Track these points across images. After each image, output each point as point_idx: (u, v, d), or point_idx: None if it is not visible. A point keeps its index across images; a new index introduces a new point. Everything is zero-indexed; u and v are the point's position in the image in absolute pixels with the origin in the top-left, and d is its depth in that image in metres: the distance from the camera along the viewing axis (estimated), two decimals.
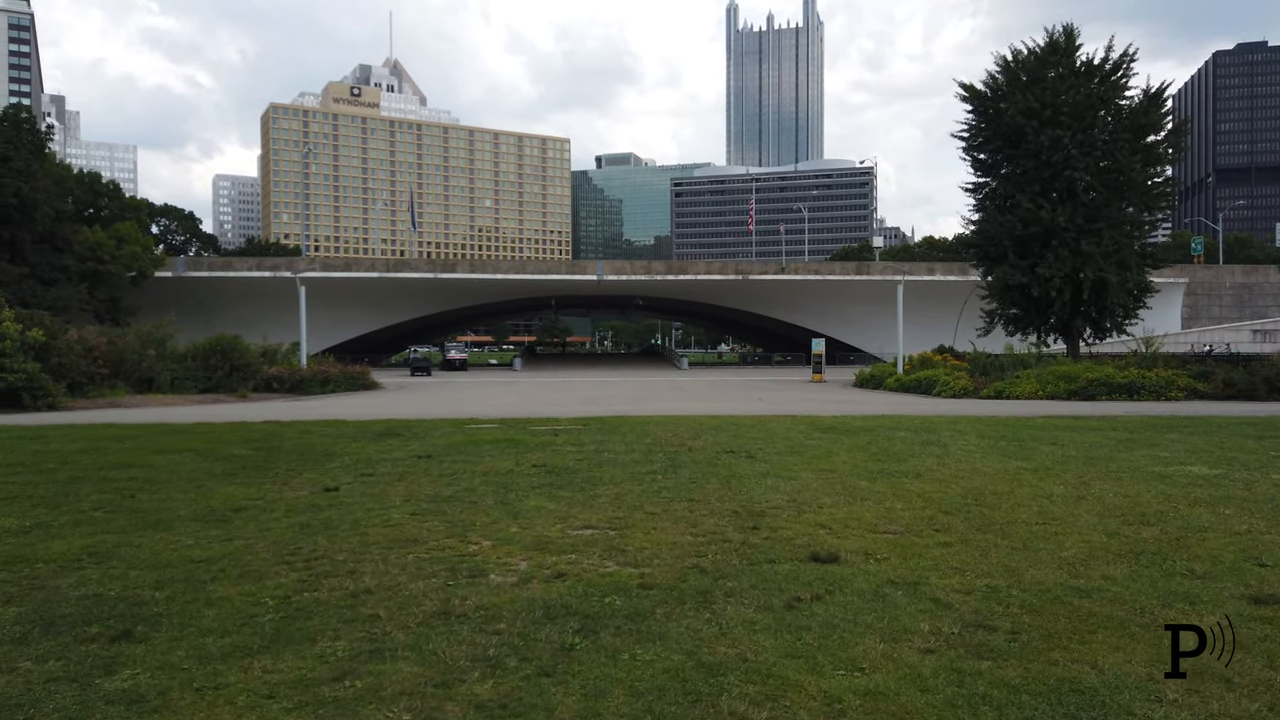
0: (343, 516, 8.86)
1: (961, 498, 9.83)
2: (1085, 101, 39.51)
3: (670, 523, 8.52)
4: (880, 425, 18.32)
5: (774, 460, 12.91)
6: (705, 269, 74.09)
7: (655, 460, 12.92)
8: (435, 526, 8.41)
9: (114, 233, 60.80)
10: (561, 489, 10.49)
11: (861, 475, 11.46)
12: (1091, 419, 20.08)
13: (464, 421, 20.20)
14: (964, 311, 67.85)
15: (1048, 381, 31.62)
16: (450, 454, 13.73)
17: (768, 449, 14.24)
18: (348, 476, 11.51)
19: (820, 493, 10.16)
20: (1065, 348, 43.33)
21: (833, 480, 11.08)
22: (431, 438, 16.15)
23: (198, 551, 7.38)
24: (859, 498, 9.84)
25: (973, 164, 43.69)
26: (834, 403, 29.44)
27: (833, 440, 15.52)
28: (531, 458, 13.25)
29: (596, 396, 33.15)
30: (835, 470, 11.90)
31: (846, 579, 6.44)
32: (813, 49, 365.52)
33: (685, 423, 19.05)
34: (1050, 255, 39.47)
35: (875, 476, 11.37)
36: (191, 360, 37.01)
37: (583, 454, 13.67)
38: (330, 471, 11.99)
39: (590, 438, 15.99)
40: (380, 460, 13.10)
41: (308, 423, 19.82)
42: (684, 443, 15.16)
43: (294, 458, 13.39)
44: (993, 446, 14.70)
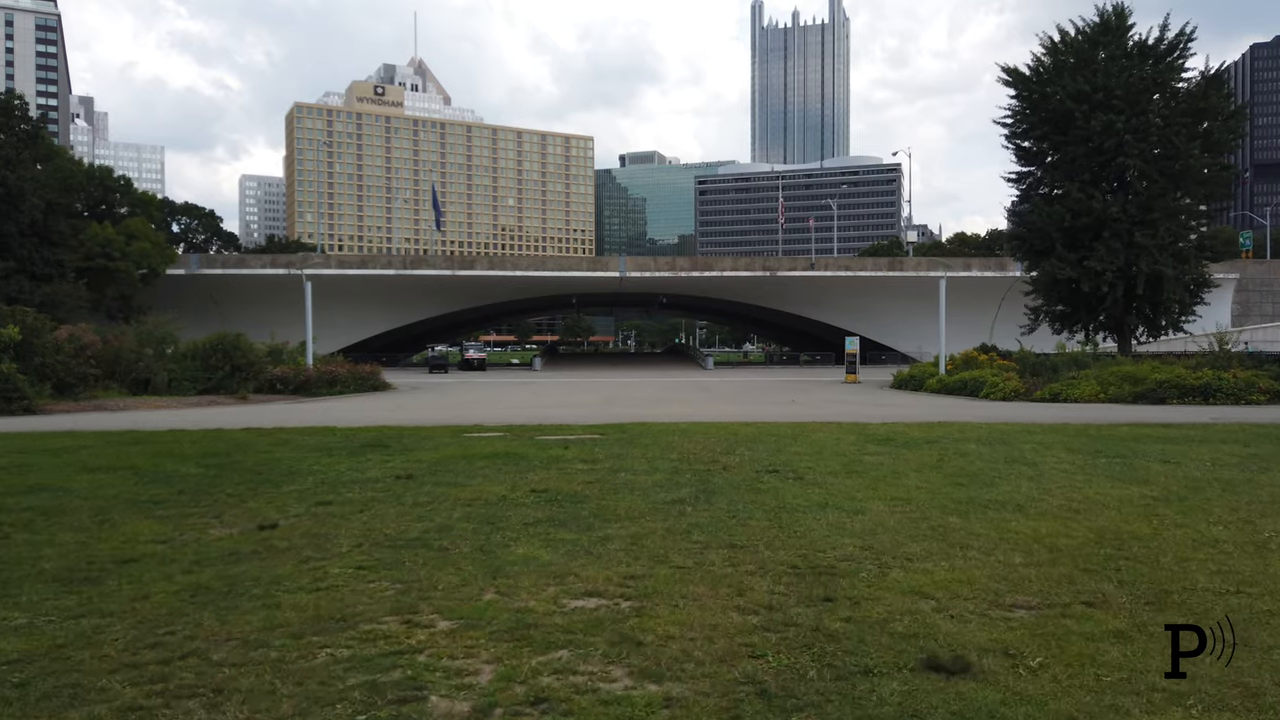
0: (262, 573, 6.53)
1: (1094, 544, 7.35)
2: (1139, 84, 36.96)
3: (707, 586, 6.11)
4: (943, 435, 15.77)
5: (829, 484, 10.45)
6: (731, 265, 71.48)
7: (683, 483, 10.52)
8: (380, 591, 6.05)
9: (124, 229, 59.20)
10: (563, 527, 8.12)
11: (947, 507, 8.99)
12: (1184, 428, 17.40)
13: (465, 429, 17.88)
14: (1001, 309, 65.12)
15: (1110, 383, 28.90)
16: (436, 473, 11.39)
17: (818, 467, 11.78)
18: (298, 507, 9.19)
19: (902, 535, 7.71)
20: (1113, 347, 40.64)
21: (912, 515, 8.61)
22: (421, 450, 13.83)
23: (15, 643, 5.04)
24: (956, 544, 7.38)
25: (1016, 153, 41.25)
26: (875, 406, 26.90)
27: (894, 455, 13.03)
28: (532, 479, 10.87)
29: (617, 398, 30.78)
30: (911, 499, 9.43)
31: (998, 716, 4.00)
32: (839, 45, 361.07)
33: (716, 432, 16.60)
34: (1101, 248, 36.97)
35: (965, 509, 8.89)
36: (191, 360, 35.05)
37: (595, 474, 11.28)
38: (280, 499, 9.68)
39: (606, 451, 13.60)
40: (349, 482, 10.78)
41: (291, 430, 17.57)
42: (716, 458, 12.73)
43: (247, 478, 11.11)
44: (1090, 464, 12.15)
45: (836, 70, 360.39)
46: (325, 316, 65.32)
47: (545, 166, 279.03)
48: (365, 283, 67.85)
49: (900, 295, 71.01)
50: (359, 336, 70.11)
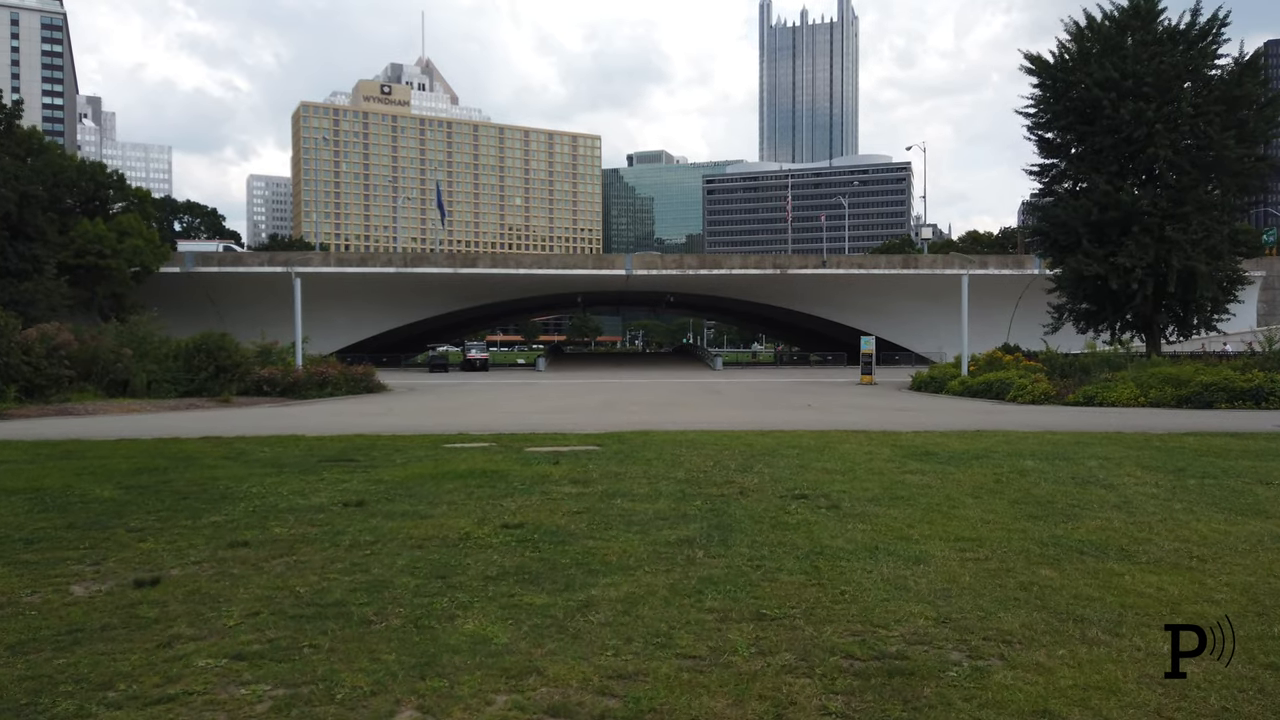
0: (96, 664, 4.59)
1: (1254, 614, 5.37)
2: (1170, 71, 35.05)
3: (728, 699, 4.16)
4: (990, 448, 13.75)
5: (873, 515, 8.47)
6: (741, 263, 69.40)
7: (692, 513, 8.55)
8: (246, 704, 4.12)
9: (116, 225, 57.52)
10: (534, 584, 6.16)
11: (1031, 552, 6.99)
12: (1256, 438, 15.34)
13: (448, 438, 15.95)
14: (1018, 307, 62.92)
15: (1149, 385, 26.85)
16: (394, 498, 9.44)
17: (854, 490, 9.79)
18: (204, 550, 7.24)
19: (986, 599, 5.73)
20: (1137, 347, 38.63)
21: (990, 565, 6.62)
22: (388, 466, 11.89)
23: None
24: (1065, 615, 5.39)
25: (1039, 144, 39.35)
26: (898, 411, 24.90)
27: (940, 475, 11.02)
28: (508, 507, 8.91)
29: (620, 402, 28.82)
30: (981, 539, 7.44)
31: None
32: (847, 44, 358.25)
33: (729, 442, 14.62)
34: (1131, 243, 35.05)
35: (1056, 556, 6.89)
36: (173, 361, 33.25)
37: (585, 500, 9.32)
38: (189, 537, 7.74)
39: (602, 468, 11.65)
40: (285, 511, 8.83)
41: (251, 440, 15.66)
42: (731, 478, 10.75)
43: (166, 505, 9.18)
44: (1178, 486, 10.14)
45: (845, 69, 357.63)
46: (324, 316, 63.74)
47: (552, 166, 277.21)
48: (365, 281, 66.04)
49: (914, 294, 68.89)
50: (359, 336, 68.32)
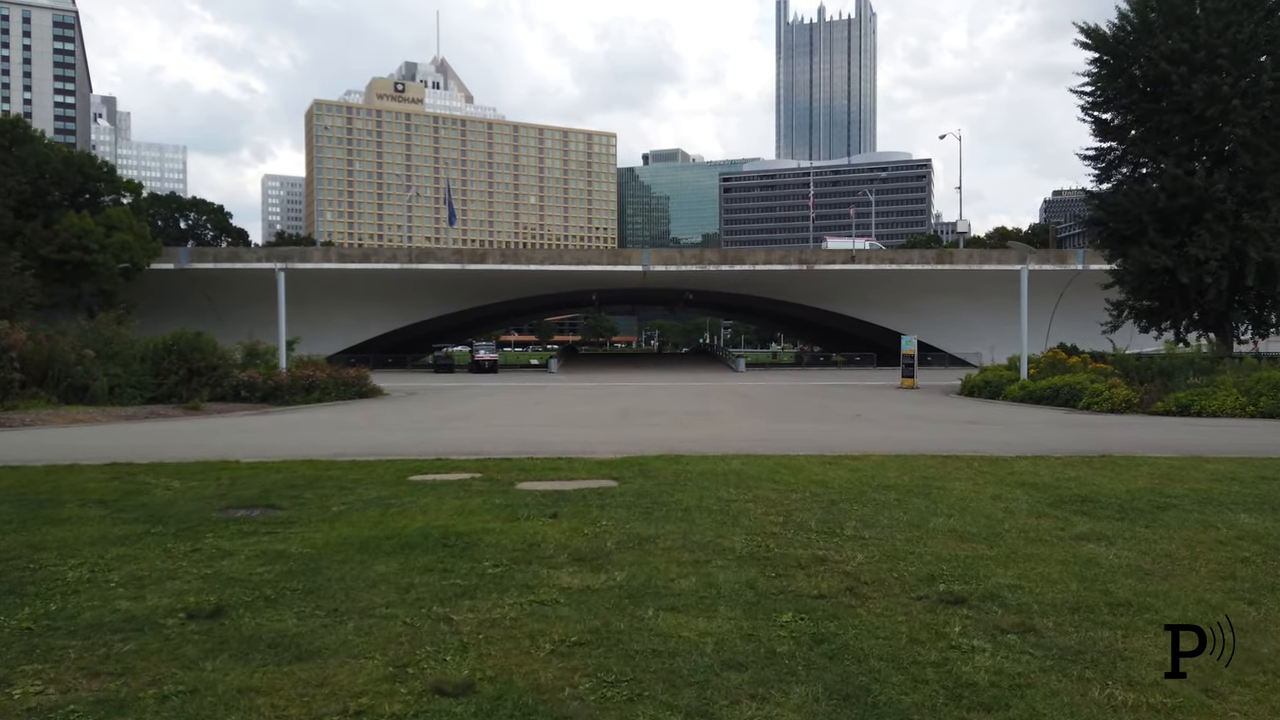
0: None
1: None
2: (1248, 41, 31.34)
3: None
4: (1159, 489, 9.96)
5: (1100, 650, 4.77)
6: (764, 259, 65.52)
7: (782, 651, 4.86)
8: None
9: (104, 219, 54.43)
10: None
11: None
12: None
13: (422, 465, 12.32)
14: (1059, 305, 58.86)
15: (1260, 393, 23.05)
16: (280, 600, 5.79)
17: (1028, 583, 6.08)
18: None
19: None
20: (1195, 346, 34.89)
21: None
22: (316, 519, 8.28)
23: None
24: None
25: (1094, 126, 35.68)
26: (969, 424, 21.13)
27: (1134, 544, 7.25)
28: (458, 629, 5.23)
29: (638, 410, 25.14)
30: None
31: None
32: (865, 41, 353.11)
33: (789, 476, 10.90)
34: (1203, 232, 31.45)
35: None
36: (140, 363, 29.87)
37: (592, 608, 5.64)
38: None
39: (620, 526, 7.97)
40: (80, 630, 5.21)
41: (168, 468, 12.08)
42: (818, 550, 7.05)
43: None
44: None
45: (863, 66, 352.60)
46: (326, 316, 60.29)
47: (567, 164, 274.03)
48: (368, 278, 62.63)
49: (948, 291, 64.88)
50: (363, 337, 64.92)
